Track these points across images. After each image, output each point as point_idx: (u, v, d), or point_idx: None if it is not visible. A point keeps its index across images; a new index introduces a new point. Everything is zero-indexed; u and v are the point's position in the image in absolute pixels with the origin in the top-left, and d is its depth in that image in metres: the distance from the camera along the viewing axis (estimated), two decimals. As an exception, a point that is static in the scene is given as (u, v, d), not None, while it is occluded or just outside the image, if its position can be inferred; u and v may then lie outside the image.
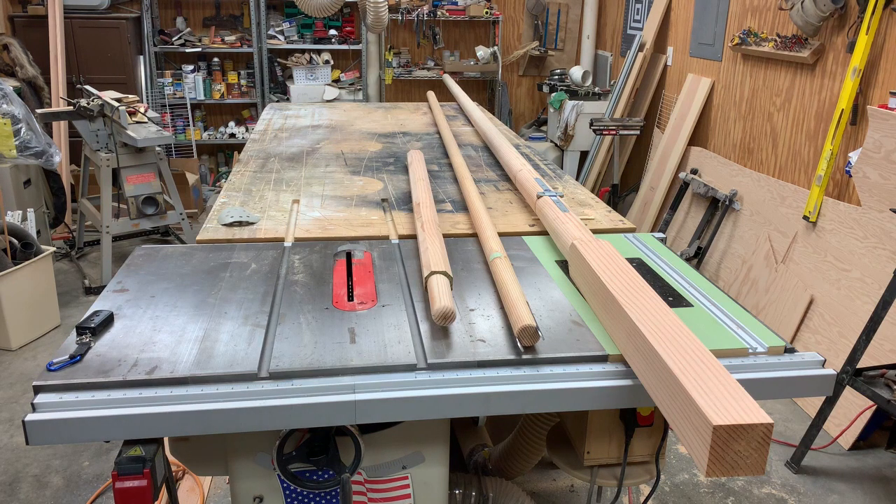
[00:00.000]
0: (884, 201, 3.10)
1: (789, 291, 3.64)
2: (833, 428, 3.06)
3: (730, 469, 1.06)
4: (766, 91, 4.17)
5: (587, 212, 2.35)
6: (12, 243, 3.86)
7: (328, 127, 3.74)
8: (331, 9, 4.63)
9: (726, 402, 1.09)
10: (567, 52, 7.19)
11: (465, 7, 6.83)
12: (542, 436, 1.91)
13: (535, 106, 7.37)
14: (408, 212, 2.30)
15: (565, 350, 1.45)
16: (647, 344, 1.28)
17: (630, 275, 1.56)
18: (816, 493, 2.78)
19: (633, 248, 2.05)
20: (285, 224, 2.19)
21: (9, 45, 5.73)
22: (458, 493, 1.93)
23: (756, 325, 1.58)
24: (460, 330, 1.52)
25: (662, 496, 2.71)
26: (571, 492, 2.62)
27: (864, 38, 3.23)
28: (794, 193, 3.83)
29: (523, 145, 3.39)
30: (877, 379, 2.71)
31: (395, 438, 1.53)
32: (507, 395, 1.36)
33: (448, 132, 3.38)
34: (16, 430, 3.08)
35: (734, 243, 4.28)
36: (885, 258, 3.09)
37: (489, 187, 2.63)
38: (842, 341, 3.20)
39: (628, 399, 1.40)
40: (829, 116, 3.61)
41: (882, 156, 3.09)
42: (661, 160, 5.14)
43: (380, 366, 1.38)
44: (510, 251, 1.90)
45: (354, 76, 6.86)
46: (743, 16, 4.40)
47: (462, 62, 7.03)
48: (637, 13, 5.98)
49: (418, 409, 1.35)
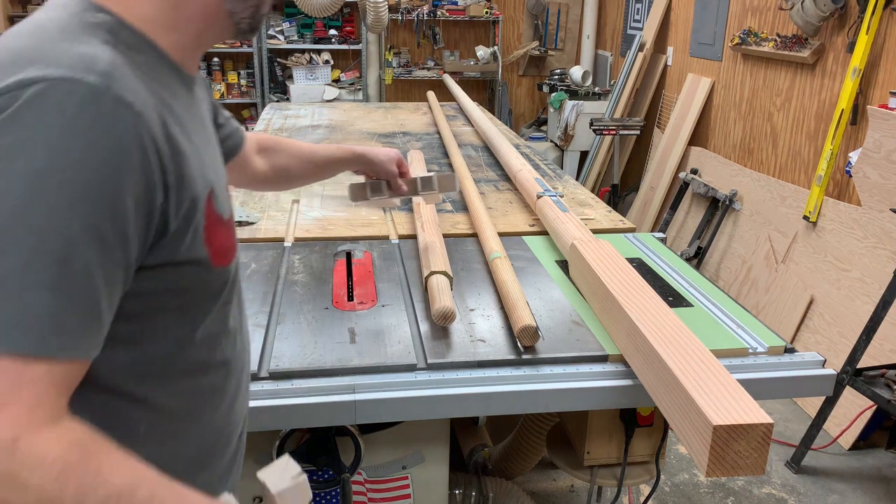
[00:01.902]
0: (884, 201, 3.10)
1: (789, 291, 3.64)
2: (833, 428, 3.06)
3: (730, 469, 1.06)
4: (766, 91, 4.17)
5: (587, 212, 2.36)
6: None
7: (328, 127, 3.74)
8: (331, 9, 4.62)
9: (726, 402, 1.09)
10: (567, 52, 7.19)
11: (465, 7, 6.82)
12: (542, 436, 1.91)
13: (535, 106, 7.36)
14: (408, 212, 2.30)
15: (565, 350, 1.45)
16: (647, 344, 1.28)
17: (630, 275, 1.56)
18: (816, 493, 2.78)
19: (633, 248, 2.05)
20: (285, 224, 2.19)
21: (9, 45, 5.72)
22: (458, 493, 1.93)
23: (756, 325, 1.58)
24: (460, 330, 1.52)
25: (662, 496, 2.71)
26: (571, 492, 2.62)
27: (864, 38, 3.22)
28: (794, 193, 3.83)
29: (523, 145, 3.39)
30: (877, 379, 2.71)
31: (395, 438, 1.53)
32: (507, 395, 1.36)
33: (448, 132, 3.38)
34: (16, 430, 3.08)
35: (734, 243, 4.28)
36: (885, 258, 3.09)
37: (489, 187, 2.63)
38: (842, 341, 3.20)
39: (628, 399, 1.40)
40: (829, 116, 3.61)
41: (882, 156, 3.09)
42: (661, 160, 5.14)
43: (380, 366, 1.38)
44: (510, 251, 1.90)
45: (354, 76, 6.86)
46: (743, 16, 4.40)
47: (462, 62, 7.03)
48: (637, 13, 5.98)
49: (418, 409, 1.35)
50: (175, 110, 0.79)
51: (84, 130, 0.66)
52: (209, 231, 0.81)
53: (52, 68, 0.67)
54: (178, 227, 0.76)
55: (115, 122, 0.68)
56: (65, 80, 0.66)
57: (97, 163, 0.67)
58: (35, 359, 0.65)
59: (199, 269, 0.81)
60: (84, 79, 0.67)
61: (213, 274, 0.84)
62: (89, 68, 0.68)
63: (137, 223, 0.71)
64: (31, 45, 0.70)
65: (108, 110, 0.67)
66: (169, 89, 0.80)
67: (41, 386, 0.65)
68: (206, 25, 0.84)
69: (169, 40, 0.81)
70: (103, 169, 0.67)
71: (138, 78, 0.73)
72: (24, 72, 0.67)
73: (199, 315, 0.85)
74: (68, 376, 0.68)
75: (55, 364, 0.66)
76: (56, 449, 0.65)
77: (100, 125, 0.67)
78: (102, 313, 0.70)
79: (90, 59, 0.69)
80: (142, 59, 0.77)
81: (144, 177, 0.70)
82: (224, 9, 0.84)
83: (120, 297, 0.73)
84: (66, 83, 0.66)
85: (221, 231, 0.84)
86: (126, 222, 0.69)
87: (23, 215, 0.64)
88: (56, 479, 0.64)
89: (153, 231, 0.74)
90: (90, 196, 0.66)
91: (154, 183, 0.71)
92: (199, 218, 0.79)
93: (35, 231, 0.64)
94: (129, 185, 0.69)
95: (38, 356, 0.65)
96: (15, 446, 0.63)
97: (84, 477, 0.65)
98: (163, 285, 0.79)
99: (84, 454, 0.66)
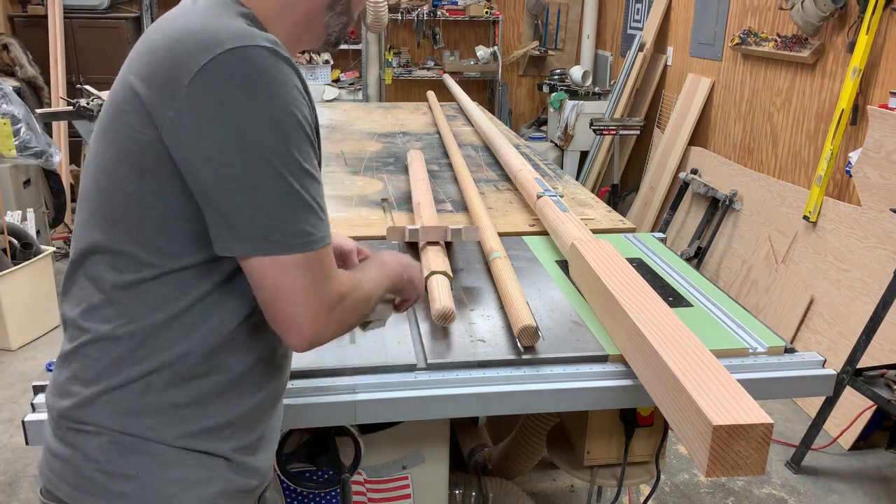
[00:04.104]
0: (884, 201, 3.10)
1: (789, 291, 3.64)
2: (833, 428, 3.06)
3: (730, 469, 1.06)
4: (767, 91, 4.17)
5: (587, 212, 2.35)
6: (12, 243, 3.85)
7: (328, 127, 3.74)
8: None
9: (726, 402, 1.08)
10: (567, 52, 7.19)
11: (465, 7, 6.82)
12: (542, 436, 1.91)
13: (535, 106, 7.36)
14: (408, 212, 2.30)
15: (565, 350, 1.45)
16: (647, 344, 1.28)
17: (630, 275, 1.56)
18: (816, 493, 2.78)
19: (633, 248, 2.05)
20: (285, 224, 2.18)
21: (8, 45, 5.72)
22: (458, 493, 1.93)
23: (756, 325, 1.58)
24: (460, 330, 1.52)
25: (662, 496, 2.71)
26: (571, 492, 2.62)
27: (864, 38, 3.22)
28: (794, 193, 3.83)
29: (523, 145, 3.39)
30: (877, 379, 2.71)
31: (395, 438, 1.53)
32: (507, 395, 1.36)
33: (448, 132, 3.38)
34: (15, 430, 3.08)
35: (734, 243, 4.28)
36: (885, 258, 3.09)
37: (489, 187, 2.63)
38: (842, 341, 3.20)
39: (628, 399, 1.40)
40: (829, 116, 3.61)
41: (882, 156, 3.09)
42: (661, 160, 5.14)
43: (380, 366, 1.38)
44: (510, 251, 1.90)
45: (354, 76, 6.86)
46: (743, 16, 4.40)
47: (462, 62, 7.03)
48: (637, 13, 5.98)
49: (418, 409, 1.35)
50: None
51: (285, 80, 0.89)
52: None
53: (239, 41, 0.87)
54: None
55: (291, 73, 0.90)
56: (254, 46, 0.88)
57: (295, 101, 0.90)
58: (327, 246, 0.94)
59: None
60: (263, 44, 0.88)
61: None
62: (266, 39, 0.89)
63: (313, 147, 0.95)
64: (209, 24, 0.90)
65: (284, 64, 0.90)
66: None
67: (333, 260, 0.96)
68: (306, 30, 1.05)
69: (279, 35, 0.97)
70: (299, 105, 0.90)
71: None
72: (231, 43, 0.87)
73: None
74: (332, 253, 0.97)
75: (327, 247, 0.94)
76: (348, 283, 0.99)
77: (285, 75, 0.89)
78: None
79: (257, 33, 0.90)
80: None
81: (309, 113, 0.94)
82: (323, 20, 1.06)
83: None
84: (256, 48, 0.88)
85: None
86: (312, 144, 0.94)
87: (277, 146, 0.87)
88: (356, 289, 1.01)
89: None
90: (303, 126, 0.91)
91: (309, 120, 0.94)
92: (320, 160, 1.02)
93: (290, 158, 0.89)
94: (307, 118, 0.93)
95: (326, 244, 0.93)
96: (345, 288, 0.98)
97: (359, 290, 1.03)
98: None
99: (355, 281, 1.02)
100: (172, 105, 0.87)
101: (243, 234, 0.88)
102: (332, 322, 0.96)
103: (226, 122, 0.86)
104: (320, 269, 0.93)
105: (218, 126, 0.86)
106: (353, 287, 1.01)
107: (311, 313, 0.93)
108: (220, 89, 0.86)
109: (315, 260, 0.92)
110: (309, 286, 0.92)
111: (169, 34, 0.91)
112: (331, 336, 0.98)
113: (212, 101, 0.86)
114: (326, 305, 0.94)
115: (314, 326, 0.94)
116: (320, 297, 0.93)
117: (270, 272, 0.90)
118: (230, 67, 0.86)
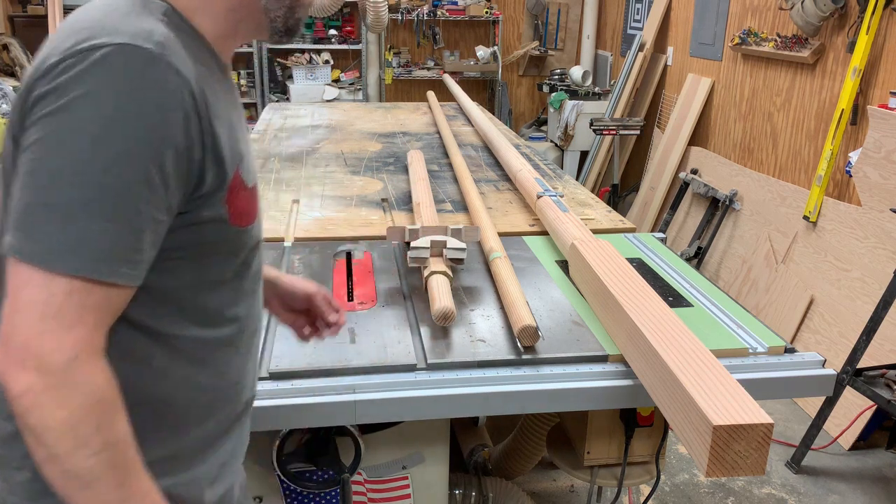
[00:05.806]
0: (884, 201, 3.10)
1: (789, 291, 3.64)
2: (833, 428, 3.06)
3: (730, 469, 1.06)
4: (767, 91, 4.17)
5: (587, 212, 2.35)
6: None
7: (328, 127, 3.74)
8: (331, 8, 4.62)
9: (726, 402, 1.09)
10: (567, 52, 7.19)
11: (465, 7, 6.82)
12: (542, 436, 1.91)
13: (535, 106, 7.36)
14: (408, 212, 2.30)
15: (565, 350, 1.45)
16: (647, 344, 1.28)
17: (630, 275, 1.56)
18: (816, 493, 2.78)
19: (633, 248, 2.05)
20: (285, 224, 2.19)
21: (8, 45, 5.73)
22: (458, 493, 1.93)
23: (756, 325, 1.58)
24: (460, 330, 1.52)
25: (662, 496, 2.71)
26: (571, 492, 2.62)
27: (864, 38, 3.22)
28: (794, 193, 3.83)
29: (523, 145, 3.39)
30: (877, 379, 2.71)
31: (395, 438, 1.53)
32: (507, 395, 1.36)
33: (448, 132, 3.38)
34: (16, 430, 3.08)
35: (734, 243, 4.28)
36: (885, 258, 3.09)
37: (489, 187, 2.63)
38: (842, 341, 3.20)
39: (628, 399, 1.40)
40: (829, 116, 3.61)
41: (882, 156, 3.09)
42: (661, 160, 5.14)
43: (380, 366, 1.38)
44: (510, 251, 1.90)
45: (354, 76, 6.86)
46: (743, 16, 4.40)
47: (462, 62, 7.03)
48: (637, 13, 5.98)
49: (418, 409, 1.35)
50: (212, 85, 0.89)
51: (143, 88, 0.78)
52: (231, 193, 0.90)
53: (118, 36, 0.78)
54: (211, 183, 0.86)
55: (167, 84, 0.79)
56: (128, 45, 0.78)
57: (151, 116, 0.78)
58: (99, 283, 0.74)
59: (217, 224, 0.90)
60: (143, 45, 0.78)
61: (230, 232, 0.92)
62: (148, 38, 0.79)
63: (179, 172, 0.81)
64: (99, 18, 0.81)
65: (161, 73, 0.79)
66: (208, 68, 0.90)
67: (101, 311, 0.76)
68: (241, 18, 0.94)
69: (208, 27, 0.91)
70: (156, 122, 0.78)
71: (185, 52, 0.84)
72: (94, 39, 0.78)
73: (214, 267, 0.93)
74: (120, 303, 0.78)
75: (113, 290, 0.76)
76: (100, 380, 0.75)
77: (155, 85, 0.78)
78: (147, 249, 0.80)
79: (149, 31, 0.80)
80: (188, 39, 0.88)
81: (186, 133, 0.81)
82: (259, 5, 0.93)
83: (162, 238, 0.82)
84: (130, 48, 0.78)
85: (243, 195, 0.93)
86: (170, 170, 0.80)
87: (91, 154, 0.75)
88: (90, 407, 0.73)
89: (192, 183, 0.84)
90: (145, 143, 0.77)
91: (193, 139, 0.82)
92: (228, 180, 0.88)
93: (100, 170, 0.75)
94: (174, 138, 0.80)
95: (101, 280, 0.74)
96: (71, 365, 0.72)
97: (106, 415, 0.75)
98: (183, 233, 0.87)
99: (115, 394, 0.76)
100: (26, 106, 0.79)
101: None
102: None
103: (63, 127, 0.76)
104: (79, 305, 0.75)
105: (56, 129, 0.76)
106: (112, 396, 0.76)
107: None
108: (68, 91, 0.77)
109: (81, 290, 0.75)
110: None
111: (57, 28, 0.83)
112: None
113: (57, 101, 0.77)
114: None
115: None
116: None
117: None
118: (84, 60, 0.77)
